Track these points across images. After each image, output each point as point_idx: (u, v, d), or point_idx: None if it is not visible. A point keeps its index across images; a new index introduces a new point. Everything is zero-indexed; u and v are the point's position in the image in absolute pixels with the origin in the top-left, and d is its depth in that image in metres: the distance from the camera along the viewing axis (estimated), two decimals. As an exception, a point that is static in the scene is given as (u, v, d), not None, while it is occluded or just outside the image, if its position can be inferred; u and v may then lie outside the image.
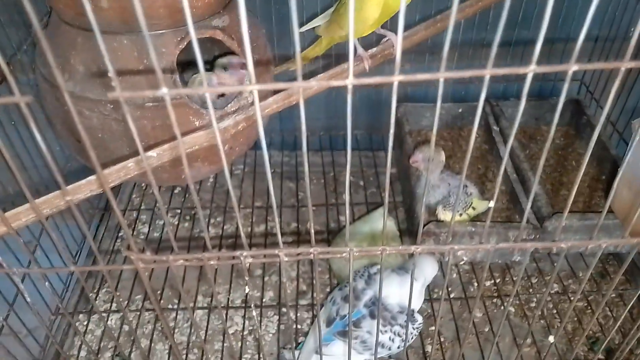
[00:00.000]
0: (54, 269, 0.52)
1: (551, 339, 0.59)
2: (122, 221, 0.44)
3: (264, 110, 0.72)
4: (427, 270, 0.79)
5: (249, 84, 0.40)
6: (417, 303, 0.79)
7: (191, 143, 0.68)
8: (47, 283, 0.52)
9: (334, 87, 1.14)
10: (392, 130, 0.39)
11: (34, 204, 0.50)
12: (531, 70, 0.38)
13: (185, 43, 0.76)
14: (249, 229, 1.07)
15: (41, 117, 0.97)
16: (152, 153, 0.65)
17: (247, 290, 0.49)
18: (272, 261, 0.48)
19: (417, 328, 0.77)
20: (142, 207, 1.11)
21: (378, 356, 0.78)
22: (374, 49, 0.78)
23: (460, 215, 0.95)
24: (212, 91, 0.34)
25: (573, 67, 0.38)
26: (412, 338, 0.77)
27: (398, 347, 0.75)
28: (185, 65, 0.91)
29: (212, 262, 0.49)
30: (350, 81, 0.36)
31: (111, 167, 0.63)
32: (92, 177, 0.61)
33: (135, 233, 1.06)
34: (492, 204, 0.45)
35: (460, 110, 1.17)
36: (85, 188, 0.61)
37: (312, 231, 0.47)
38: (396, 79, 0.37)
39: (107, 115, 0.78)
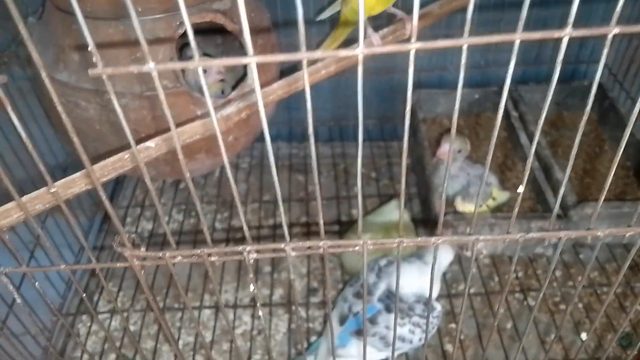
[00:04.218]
0: (42, 268, 0.48)
1: (584, 336, 0.54)
2: (112, 213, 0.40)
3: (268, 97, 0.68)
4: (441, 257, 0.74)
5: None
6: (434, 291, 0.74)
7: (190, 133, 0.63)
8: (36, 283, 0.48)
9: (343, 74, 1.09)
10: (409, 94, 0.34)
11: (20, 201, 0.46)
12: (567, 34, 0.34)
13: (185, 27, 0.72)
14: (257, 225, 1.03)
15: (40, 112, 0.94)
16: (150, 143, 0.61)
17: (252, 288, 0.44)
18: (279, 256, 0.44)
19: (436, 317, 0.72)
20: (146, 204, 1.07)
21: (399, 352, 0.74)
22: (385, 30, 0.74)
23: (480, 206, 0.90)
24: (204, 65, 0.29)
25: (614, 30, 0.33)
26: (433, 328, 0.73)
27: (420, 340, 0.71)
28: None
29: (212, 259, 0.45)
30: (360, 50, 0.32)
31: (106, 160, 0.59)
32: (84, 171, 0.57)
33: (139, 230, 1.03)
34: (521, 188, 0.40)
35: (477, 96, 1.11)
36: (79, 182, 0.57)
37: (322, 222, 0.42)
38: (413, 46, 0.32)
39: (105, 106, 0.75)
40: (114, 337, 0.87)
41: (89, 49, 0.30)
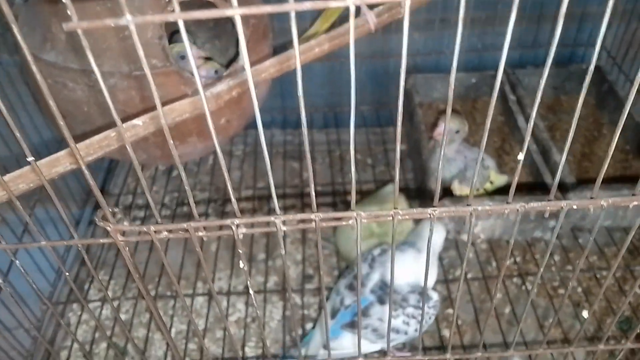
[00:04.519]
0: (22, 244, 0.46)
1: (585, 314, 0.53)
2: (93, 185, 0.38)
3: (260, 74, 0.66)
4: (433, 237, 0.73)
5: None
6: (431, 279, 0.72)
7: (179, 110, 0.62)
8: (17, 262, 0.46)
9: (337, 60, 1.06)
10: (404, 63, 0.32)
11: (1, 180, 0.45)
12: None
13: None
14: (251, 212, 1.02)
15: (30, 99, 0.93)
16: (137, 121, 0.60)
17: (242, 265, 0.43)
18: (269, 231, 0.42)
19: (433, 307, 0.70)
20: (138, 192, 1.05)
21: (395, 343, 0.72)
22: (381, 7, 0.72)
23: (477, 190, 0.88)
24: (185, 17, 0.28)
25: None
26: (429, 319, 0.71)
27: (415, 330, 0.69)
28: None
29: (200, 234, 0.43)
30: (351, 1, 0.30)
31: (91, 138, 0.57)
32: (68, 149, 0.55)
33: (131, 218, 1.01)
34: (521, 156, 0.39)
35: (474, 80, 1.10)
36: (63, 161, 0.56)
37: (313, 194, 0.41)
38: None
39: (92, 87, 0.73)
40: (105, 326, 0.85)
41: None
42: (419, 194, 1.00)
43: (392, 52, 1.08)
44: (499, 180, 0.90)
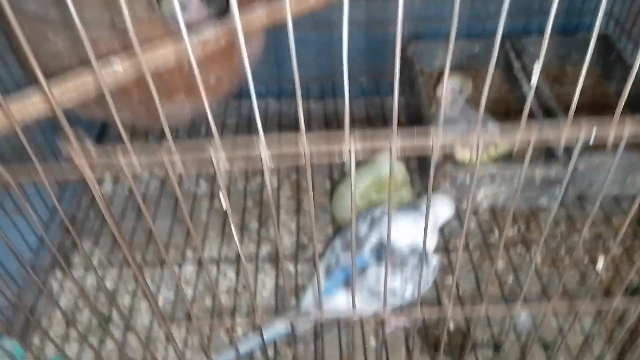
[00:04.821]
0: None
1: (600, 264, 0.49)
2: (60, 115, 0.34)
3: (251, 24, 0.62)
4: (437, 207, 0.69)
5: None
6: (430, 243, 0.69)
7: (163, 56, 0.58)
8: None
9: (331, 30, 1.01)
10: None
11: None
12: None
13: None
14: (244, 185, 0.98)
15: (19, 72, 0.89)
16: (117, 66, 0.56)
17: (224, 206, 0.39)
18: (255, 168, 0.38)
19: (432, 270, 0.66)
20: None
21: (392, 305, 0.68)
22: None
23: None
24: None
25: None
26: (427, 283, 0.67)
27: (412, 294, 0.65)
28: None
29: (176, 161, 0.39)
30: None
31: (66, 82, 0.54)
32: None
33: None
34: (534, 79, 0.35)
35: (477, 49, 1.06)
36: (37, 103, 0.52)
37: (301, 116, 0.37)
38: None
39: (73, 39, 0.69)
40: (89, 294, 0.81)
41: None
42: (418, 164, 0.96)
43: (391, 19, 1.04)
44: (503, 145, 0.86)
